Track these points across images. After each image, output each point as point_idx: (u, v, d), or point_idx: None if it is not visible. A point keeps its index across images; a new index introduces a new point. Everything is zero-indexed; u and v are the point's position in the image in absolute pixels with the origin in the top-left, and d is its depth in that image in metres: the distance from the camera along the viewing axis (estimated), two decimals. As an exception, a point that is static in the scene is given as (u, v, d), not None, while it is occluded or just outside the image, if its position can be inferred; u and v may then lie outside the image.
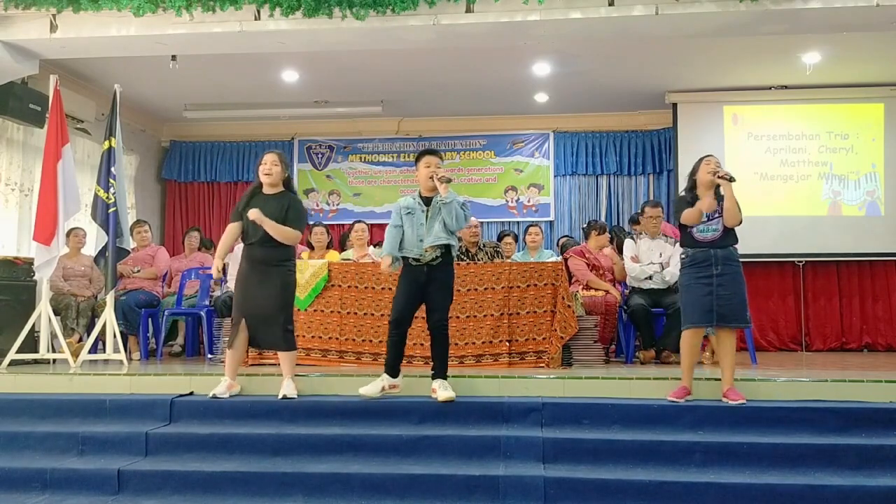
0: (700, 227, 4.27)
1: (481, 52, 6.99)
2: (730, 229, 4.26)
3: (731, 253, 4.26)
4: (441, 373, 4.33)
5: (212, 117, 9.11)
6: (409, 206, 4.41)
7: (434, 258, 4.30)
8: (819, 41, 6.87)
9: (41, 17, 5.79)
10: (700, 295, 4.20)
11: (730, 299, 4.17)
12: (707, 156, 4.45)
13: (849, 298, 8.33)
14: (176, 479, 3.79)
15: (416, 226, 4.34)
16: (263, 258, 4.46)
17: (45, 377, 4.94)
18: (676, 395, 4.20)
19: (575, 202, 9.24)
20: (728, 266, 4.22)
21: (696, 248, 4.28)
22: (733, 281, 4.21)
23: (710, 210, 4.23)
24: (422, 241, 4.29)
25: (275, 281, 4.46)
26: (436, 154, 4.45)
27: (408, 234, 4.36)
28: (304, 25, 5.61)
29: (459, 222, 4.31)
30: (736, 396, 4.14)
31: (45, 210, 5.57)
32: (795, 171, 8.28)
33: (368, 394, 4.28)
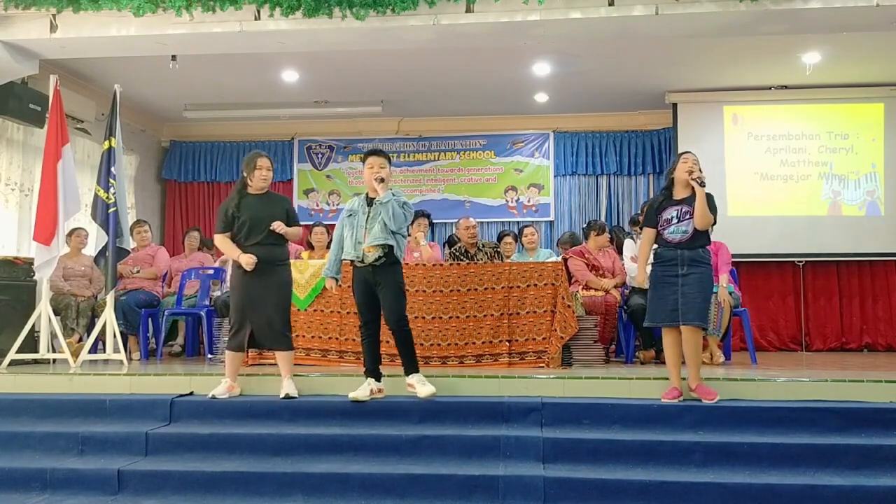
0: (671, 229, 4.29)
1: (481, 52, 6.99)
2: (701, 231, 4.25)
3: (698, 254, 4.25)
4: (412, 368, 4.33)
5: (212, 117, 9.11)
6: (352, 209, 4.45)
7: (376, 258, 4.29)
8: (819, 41, 6.87)
9: (41, 17, 5.79)
10: (665, 294, 4.24)
11: (693, 298, 4.18)
12: (684, 153, 4.46)
13: (849, 298, 8.33)
14: (176, 479, 3.79)
15: (356, 227, 4.37)
16: (266, 258, 4.48)
17: (45, 377, 4.94)
18: (669, 396, 4.21)
19: (575, 202, 9.24)
20: (694, 267, 4.22)
21: (664, 248, 4.32)
22: (699, 282, 4.21)
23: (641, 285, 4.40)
24: (360, 244, 4.31)
25: (276, 280, 4.51)
26: (379, 155, 4.47)
27: (347, 237, 4.40)
28: (304, 25, 5.61)
29: (398, 221, 4.31)
30: (707, 395, 4.15)
31: (45, 210, 5.57)
32: (795, 171, 8.28)
33: (359, 397, 4.28)
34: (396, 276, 4.36)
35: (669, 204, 4.35)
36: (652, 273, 4.38)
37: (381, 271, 4.30)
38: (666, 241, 4.32)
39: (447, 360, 5.38)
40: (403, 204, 4.37)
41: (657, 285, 4.31)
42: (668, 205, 4.36)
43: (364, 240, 4.30)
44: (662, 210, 4.36)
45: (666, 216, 4.33)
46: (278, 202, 4.68)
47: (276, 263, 4.52)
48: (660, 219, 4.36)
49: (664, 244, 4.33)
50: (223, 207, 4.62)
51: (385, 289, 4.29)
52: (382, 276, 4.30)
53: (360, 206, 4.44)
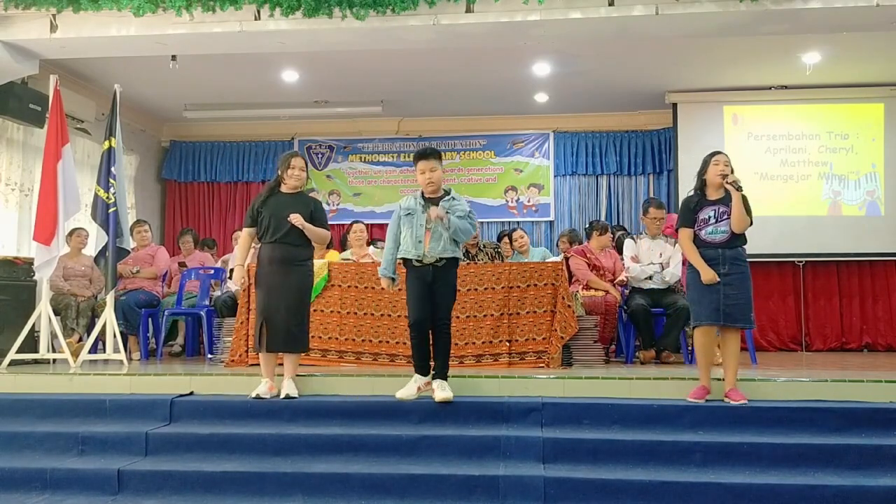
0: (709, 229, 4.27)
1: (481, 52, 6.99)
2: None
3: (738, 253, 4.25)
4: (441, 373, 4.32)
5: (212, 117, 9.11)
6: (410, 208, 4.37)
7: (437, 261, 4.27)
8: (819, 41, 6.88)
9: (41, 17, 5.79)
10: (708, 293, 4.21)
11: (736, 299, 4.17)
12: (715, 153, 4.39)
13: (849, 298, 8.33)
14: (176, 479, 3.79)
15: (416, 227, 4.31)
16: (285, 257, 4.48)
17: (45, 377, 4.94)
18: (696, 396, 4.18)
19: (575, 202, 9.25)
20: (735, 266, 4.21)
21: (704, 247, 4.29)
22: (740, 281, 4.20)
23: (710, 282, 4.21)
24: (420, 243, 4.27)
25: (293, 280, 4.48)
26: (428, 157, 4.35)
27: (406, 236, 4.35)
28: (304, 25, 5.62)
29: (466, 235, 4.33)
30: (738, 397, 4.14)
31: (45, 210, 5.57)
32: (795, 171, 8.29)
33: (406, 396, 4.25)
34: (454, 278, 4.37)
35: (705, 204, 4.32)
36: (691, 274, 4.33)
37: (442, 270, 4.28)
38: (705, 242, 4.29)
39: (447, 360, 5.37)
40: (469, 214, 4.32)
41: (698, 286, 4.26)
42: (704, 204, 4.32)
43: (424, 239, 4.27)
44: (699, 210, 4.33)
45: (703, 216, 4.31)
46: (305, 202, 4.62)
47: (294, 263, 4.49)
48: (696, 219, 4.33)
49: (703, 244, 4.29)
50: (252, 203, 4.66)
51: (441, 287, 4.27)
52: (442, 276, 4.28)
53: (418, 204, 4.35)
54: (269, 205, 4.55)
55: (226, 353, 5.66)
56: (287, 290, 4.46)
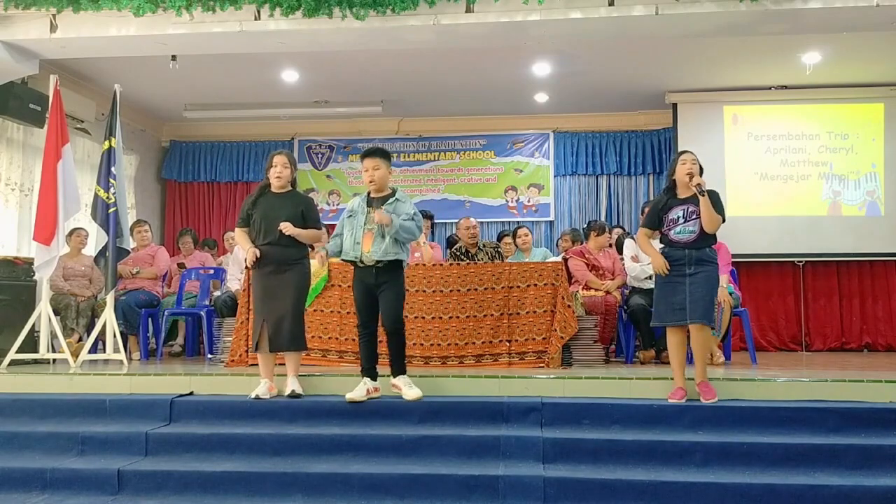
0: (677, 229, 4.29)
1: (481, 52, 6.99)
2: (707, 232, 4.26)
3: (705, 253, 4.26)
4: (400, 370, 4.33)
5: (212, 117, 9.11)
6: (353, 209, 4.40)
7: (377, 262, 4.26)
8: (819, 41, 6.88)
9: (41, 17, 5.79)
10: (672, 294, 4.24)
11: (701, 296, 4.18)
12: (683, 152, 4.43)
13: (849, 298, 8.33)
14: (176, 479, 3.79)
15: (356, 228, 4.33)
16: (279, 258, 4.47)
17: (45, 377, 4.94)
18: (675, 397, 4.21)
19: (575, 202, 9.25)
20: (701, 266, 4.23)
21: (671, 247, 4.31)
22: (706, 281, 4.22)
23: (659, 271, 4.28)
24: (358, 244, 4.28)
25: (289, 280, 4.47)
26: (373, 156, 4.37)
27: (346, 237, 4.36)
28: (304, 25, 5.61)
29: (411, 236, 4.30)
30: (708, 393, 4.15)
31: (45, 210, 5.57)
32: (795, 171, 8.29)
33: (356, 398, 4.26)
34: (399, 279, 4.35)
35: (675, 203, 4.34)
36: (657, 273, 4.37)
37: (384, 273, 4.28)
38: (672, 241, 4.31)
39: (447, 360, 5.38)
40: (414, 214, 4.30)
41: (664, 285, 4.31)
42: (673, 204, 4.35)
43: (362, 240, 4.28)
44: (668, 210, 4.35)
45: (672, 216, 4.32)
46: (296, 202, 4.57)
47: (288, 263, 4.47)
48: (665, 219, 4.35)
49: (670, 244, 4.31)
50: (244, 203, 4.65)
51: (386, 290, 4.28)
52: (385, 278, 4.28)
53: (360, 206, 4.40)
54: (259, 206, 4.53)
55: (226, 353, 5.66)
56: (283, 290, 4.45)
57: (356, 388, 4.31)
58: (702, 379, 4.23)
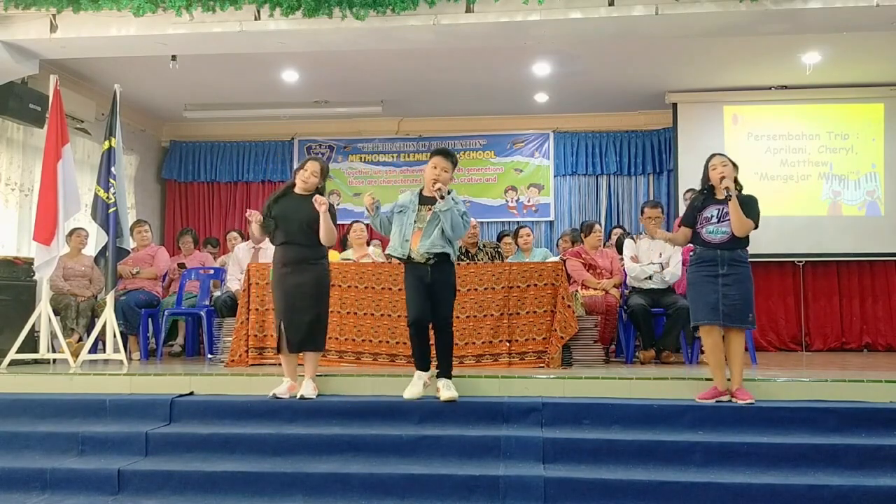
0: (709, 229, 4.27)
1: (481, 52, 6.99)
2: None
3: (738, 255, 4.23)
4: (445, 372, 4.32)
5: (212, 117, 9.11)
6: (404, 205, 4.38)
7: (428, 259, 4.26)
8: (819, 41, 6.88)
9: (41, 17, 5.79)
10: (706, 293, 4.22)
11: (735, 300, 4.16)
12: (713, 156, 4.41)
13: (849, 298, 8.33)
14: (176, 479, 3.79)
15: (405, 225, 4.32)
16: (297, 257, 4.46)
17: (45, 377, 4.94)
18: (707, 396, 4.18)
19: (575, 202, 9.25)
20: (734, 267, 4.20)
21: (703, 248, 4.30)
22: (739, 282, 4.19)
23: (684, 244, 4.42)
24: (407, 241, 4.27)
25: (307, 280, 4.44)
26: (446, 156, 4.33)
27: (395, 233, 4.35)
28: (304, 25, 5.61)
29: (457, 231, 4.27)
30: (744, 396, 4.15)
31: (45, 210, 5.56)
32: (795, 171, 8.29)
33: (413, 395, 4.25)
34: (452, 276, 4.35)
35: (710, 203, 4.33)
36: (690, 273, 4.36)
37: (439, 270, 4.27)
38: (704, 241, 4.29)
39: (447, 360, 5.38)
40: (463, 214, 4.29)
41: (696, 284, 4.28)
42: (709, 203, 4.33)
43: (411, 237, 4.27)
44: (704, 208, 4.34)
45: (706, 214, 4.31)
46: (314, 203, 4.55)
47: (307, 262, 4.46)
48: (699, 217, 4.34)
49: (703, 244, 4.30)
50: (267, 200, 4.64)
51: (440, 288, 4.26)
52: (439, 275, 4.26)
53: (412, 202, 4.36)
54: (279, 205, 4.54)
55: (226, 353, 5.66)
56: (302, 289, 4.43)
57: (412, 385, 4.28)
58: (739, 386, 4.20)
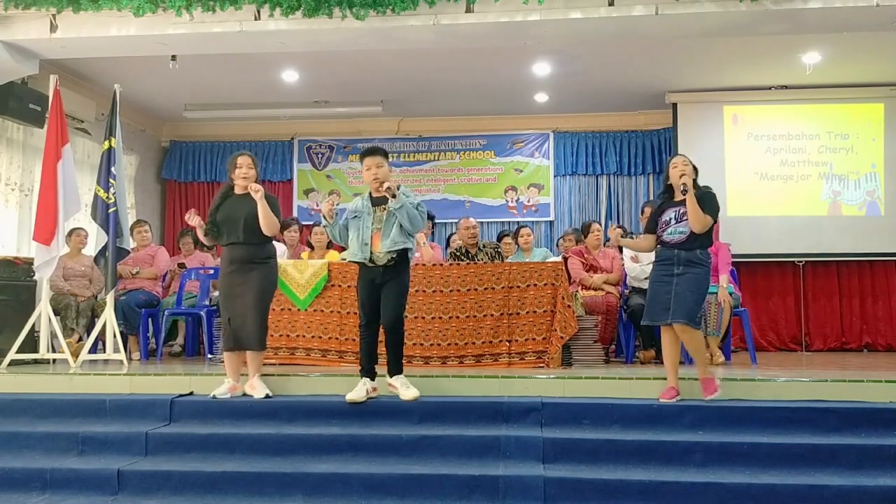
0: (669, 230, 4.32)
1: (481, 52, 6.99)
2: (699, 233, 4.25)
3: (695, 255, 4.25)
4: (398, 369, 4.33)
5: (212, 117, 9.11)
6: (357, 210, 4.39)
7: (389, 260, 4.27)
8: (819, 41, 6.88)
9: (41, 17, 5.79)
10: (660, 292, 4.27)
11: (684, 297, 4.19)
12: (673, 157, 4.50)
13: (849, 298, 8.33)
14: (176, 479, 3.79)
15: (363, 229, 4.32)
16: (244, 257, 4.48)
17: (45, 377, 4.94)
18: (666, 396, 4.22)
19: (575, 202, 9.25)
20: (689, 267, 4.23)
21: (662, 247, 4.36)
22: (693, 282, 4.22)
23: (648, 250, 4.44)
24: (367, 245, 4.28)
25: (253, 279, 4.46)
26: (374, 154, 4.38)
27: (352, 239, 4.35)
28: (304, 25, 5.61)
29: (416, 224, 4.28)
30: (708, 387, 4.17)
31: (45, 210, 5.57)
32: (795, 171, 8.29)
33: (356, 398, 4.26)
34: (404, 276, 4.35)
35: (669, 206, 4.38)
36: (652, 272, 4.43)
37: (392, 270, 4.28)
38: (663, 242, 4.35)
39: (447, 360, 5.38)
40: (418, 205, 4.32)
41: (653, 284, 4.36)
42: (667, 206, 4.39)
43: (371, 241, 4.28)
44: (662, 212, 4.39)
45: (665, 218, 4.36)
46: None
47: (254, 262, 4.48)
48: (659, 221, 4.38)
49: (662, 244, 4.37)
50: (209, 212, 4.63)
51: (391, 288, 4.27)
52: (391, 275, 4.28)
53: (365, 206, 4.39)
54: (222, 210, 4.54)
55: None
56: (247, 288, 4.44)
57: (356, 389, 4.31)
58: (702, 375, 4.24)
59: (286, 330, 5.61)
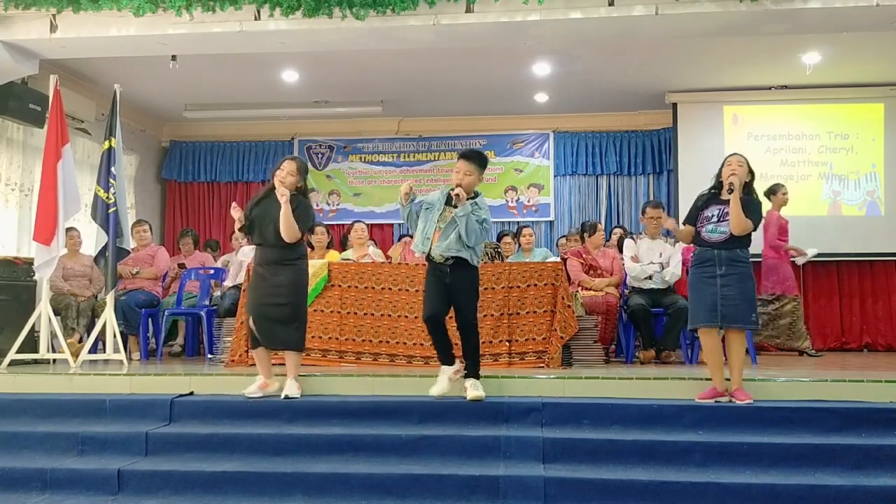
0: (709, 228, 4.26)
1: (481, 52, 6.99)
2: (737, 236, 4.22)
3: (736, 255, 4.20)
4: (472, 371, 4.30)
5: (212, 117, 9.12)
6: (431, 202, 4.36)
7: (446, 260, 4.24)
8: (819, 41, 6.88)
9: (41, 17, 5.79)
10: (704, 294, 4.20)
11: (734, 300, 4.13)
12: (730, 155, 4.39)
13: (849, 298, 8.33)
14: (176, 479, 3.79)
15: (429, 222, 4.29)
16: (275, 258, 4.48)
17: (45, 377, 4.94)
18: (707, 396, 4.17)
19: (575, 202, 9.25)
20: (732, 267, 4.17)
21: (702, 247, 4.29)
22: (739, 282, 4.16)
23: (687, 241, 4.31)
24: (428, 240, 4.26)
25: (284, 279, 4.46)
26: (468, 159, 4.32)
27: (419, 228, 4.33)
28: (304, 25, 5.62)
29: (471, 238, 4.21)
30: (743, 396, 4.14)
31: (45, 210, 5.56)
32: (795, 171, 8.29)
33: (441, 392, 4.22)
34: (470, 279, 4.30)
35: (714, 202, 4.31)
36: (690, 275, 4.34)
37: (457, 272, 4.24)
38: (703, 241, 4.27)
39: (447, 360, 5.37)
40: (483, 221, 4.26)
41: (695, 286, 4.27)
42: (712, 202, 4.32)
43: (432, 236, 4.25)
44: (705, 207, 4.32)
45: (707, 213, 4.29)
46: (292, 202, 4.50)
47: (283, 263, 4.48)
48: (700, 216, 4.33)
49: (702, 243, 4.28)
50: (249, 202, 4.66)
51: (459, 289, 4.24)
52: (458, 278, 4.24)
53: (440, 200, 4.34)
54: (259, 207, 4.56)
55: (226, 353, 5.66)
56: (279, 288, 4.44)
57: (438, 382, 4.25)
58: (737, 386, 4.19)
59: (286, 330, 5.60)
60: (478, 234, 4.24)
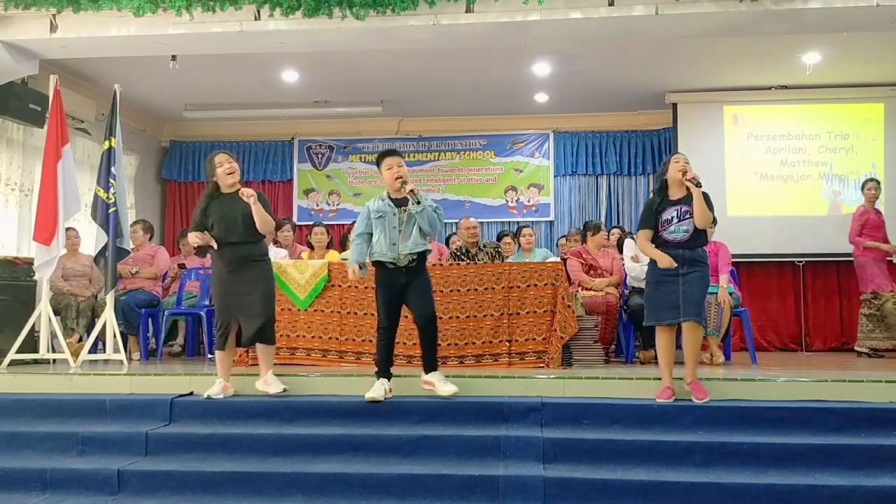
0: (670, 229, 4.31)
1: (481, 52, 6.99)
2: (699, 230, 4.28)
3: (697, 254, 4.29)
4: (434, 366, 4.33)
5: (212, 117, 9.11)
6: (380, 210, 4.37)
7: (410, 262, 4.29)
8: (819, 41, 6.88)
9: (41, 17, 5.79)
10: (666, 292, 4.26)
11: (694, 295, 4.21)
12: (675, 154, 4.51)
13: (849, 298, 8.31)
14: (176, 480, 3.79)
15: (389, 229, 4.32)
16: (244, 256, 4.48)
17: (45, 377, 4.94)
18: (663, 397, 4.21)
19: (575, 202, 9.25)
20: (693, 266, 4.26)
21: (664, 248, 4.33)
22: (699, 279, 4.26)
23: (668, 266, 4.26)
24: (395, 245, 4.28)
25: (255, 276, 4.47)
26: (396, 154, 4.42)
27: (380, 239, 4.34)
28: (304, 25, 5.62)
29: (434, 227, 4.31)
30: (700, 392, 4.17)
31: (45, 210, 5.57)
32: (795, 171, 8.29)
33: (376, 397, 4.25)
34: (425, 273, 4.39)
35: (668, 205, 4.37)
36: (650, 273, 4.40)
37: (414, 271, 4.31)
38: (666, 241, 4.34)
39: (447, 360, 5.37)
40: (436, 208, 4.34)
41: (656, 285, 4.33)
42: (666, 205, 4.37)
43: (399, 242, 4.28)
44: (662, 211, 4.37)
45: (666, 216, 4.35)
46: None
47: (252, 260, 4.49)
48: (660, 220, 4.37)
49: (664, 244, 4.35)
50: (194, 214, 4.61)
51: (417, 287, 4.30)
52: (414, 276, 4.31)
53: (389, 207, 4.37)
54: (213, 210, 4.53)
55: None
56: (252, 285, 4.44)
57: (374, 388, 4.29)
58: (692, 378, 4.24)
59: (286, 330, 5.61)
60: (437, 221, 4.32)
